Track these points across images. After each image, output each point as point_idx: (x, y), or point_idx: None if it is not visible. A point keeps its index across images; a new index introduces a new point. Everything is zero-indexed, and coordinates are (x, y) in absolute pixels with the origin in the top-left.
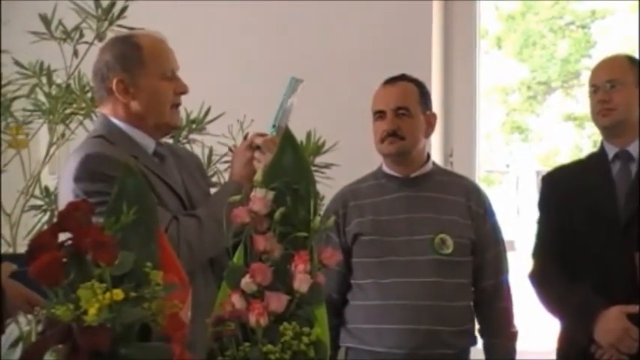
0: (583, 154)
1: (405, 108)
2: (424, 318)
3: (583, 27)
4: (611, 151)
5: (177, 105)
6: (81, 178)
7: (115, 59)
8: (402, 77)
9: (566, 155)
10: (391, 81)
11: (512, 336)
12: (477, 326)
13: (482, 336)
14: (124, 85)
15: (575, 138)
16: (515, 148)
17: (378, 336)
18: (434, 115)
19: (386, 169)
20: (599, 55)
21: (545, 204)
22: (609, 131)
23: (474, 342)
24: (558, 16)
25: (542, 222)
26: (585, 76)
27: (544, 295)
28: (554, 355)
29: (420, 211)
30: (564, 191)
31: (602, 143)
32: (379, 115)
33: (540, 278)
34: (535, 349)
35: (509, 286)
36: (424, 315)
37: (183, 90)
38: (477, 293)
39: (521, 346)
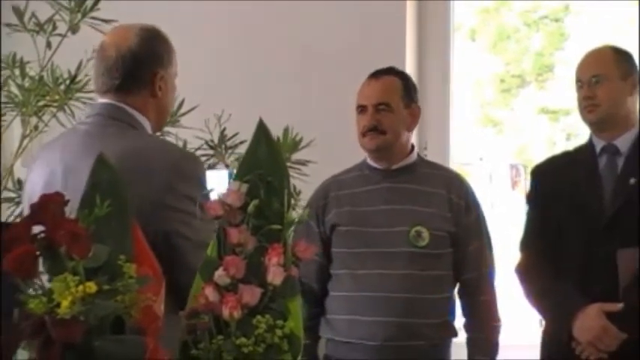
0: (557, 147)
1: (385, 103)
2: (397, 310)
3: (557, 20)
4: (599, 144)
5: None
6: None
7: (155, 51)
8: (388, 71)
9: (540, 149)
10: (376, 75)
11: (495, 330)
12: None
13: (465, 329)
14: (162, 82)
15: (549, 131)
16: (489, 141)
17: (351, 327)
18: (418, 108)
19: (369, 161)
20: (573, 48)
21: (532, 197)
22: (596, 126)
23: (454, 334)
24: (532, 9)
25: (529, 215)
26: (559, 70)
27: (527, 290)
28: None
29: (399, 202)
30: (551, 184)
31: (590, 136)
32: (361, 109)
33: (525, 272)
34: (519, 343)
35: (493, 279)
36: (397, 307)
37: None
38: (459, 286)
39: (504, 340)
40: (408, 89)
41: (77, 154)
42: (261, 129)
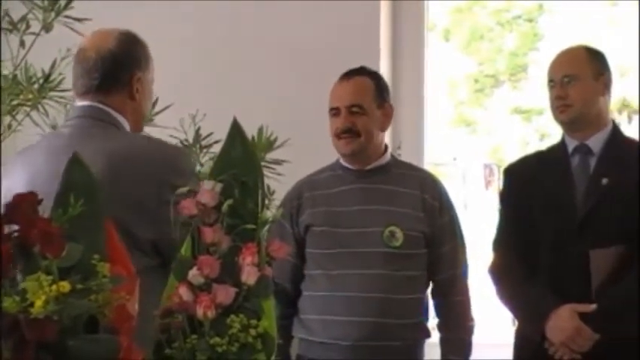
0: (530, 147)
1: (358, 105)
2: (370, 310)
3: (530, 20)
4: (571, 144)
5: None
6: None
7: (133, 54)
8: (359, 71)
9: (513, 148)
10: (347, 76)
11: (468, 330)
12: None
13: (438, 329)
14: (139, 84)
15: (522, 131)
16: (463, 141)
17: (325, 327)
18: (391, 107)
19: (342, 162)
20: (547, 48)
21: (505, 197)
22: (568, 127)
23: (427, 335)
24: (506, 9)
25: (502, 215)
26: (533, 70)
27: (500, 290)
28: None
29: (372, 203)
30: (524, 184)
31: (562, 136)
32: (334, 111)
33: (498, 272)
34: (492, 342)
35: (467, 279)
36: (371, 307)
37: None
38: (433, 286)
39: (477, 339)
40: (380, 89)
41: (63, 157)
42: (236, 128)
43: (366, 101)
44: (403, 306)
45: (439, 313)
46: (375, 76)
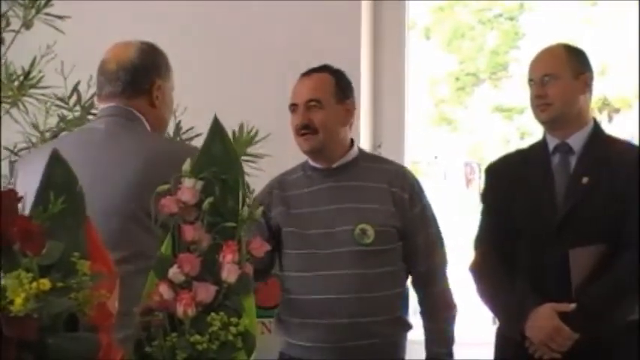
0: (511, 145)
1: (315, 100)
2: (348, 311)
3: (512, 19)
4: (552, 142)
5: None
6: None
7: (154, 62)
8: (320, 68)
9: (495, 147)
10: (307, 73)
11: (450, 319)
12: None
13: (421, 317)
14: (159, 90)
15: (503, 130)
16: (444, 140)
17: (303, 330)
18: (353, 104)
19: (310, 161)
20: (527, 46)
21: (487, 195)
22: (548, 126)
23: (408, 328)
24: (487, 7)
25: (483, 213)
26: (514, 68)
27: (481, 288)
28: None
29: (341, 201)
30: (505, 183)
31: (544, 134)
32: (293, 108)
33: (479, 271)
34: (473, 341)
35: (445, 269)
36: (347, 308)
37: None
38: (412, 278)
39: (459, 337)
40: (340, 85)
41: (101, 150)
42: (216, 126)
43: (324, 96)
44: (380, 303)
45: (420, 303)
46: (337, 73)
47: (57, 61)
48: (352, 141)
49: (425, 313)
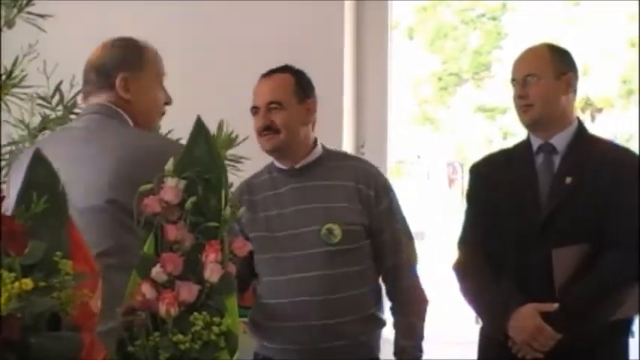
0: (493, 145)
1: (276, 102)
2: (318, 313)
3: (494, 19)
4: (536, 142)
5: (162, 113)
6: None
7: (120, 57)
8: (280, 69)
9: (477, 147)
10: (267, 75)
11: (419, 313)
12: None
13: (391, 312)
14: (126, 83)
15: (485, 129)
16: (427, 139)
17: (275, 333)
18: (314, 102)
19: (275, 162)
20: (510, 46)
21: (471, 195)
22: (531, 127)
23: (381, 325)
24: (470, 7)
25: (468, 213)
26: (496, 68)
27: (465, 287)
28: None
29: (307, 202)
30: (489, 182)
31: (528, 134)
32: (254, 110)
33: (462, 270)
34: (456, 340)
35: (414, 263)
36: (318, 310)
37: (169, 100)
38: (382, 273)
39: (440, 336)
40: (300, 85)
41: (83, 145)
42: (200, 127)
43: (285, 97)
44: (352, 303)
45: (390, 298)
46: (296, 73)
47: (39, 60)
48: (316, 140)
49: (394, 308)
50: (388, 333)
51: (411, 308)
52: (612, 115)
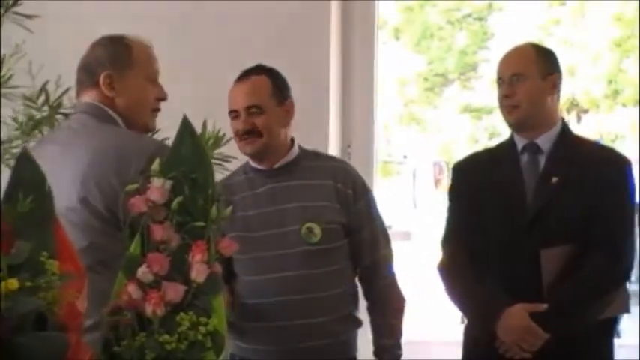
0: (480, 145)
1: (256, 106)
2: (297, 312)
3: (480, 19)
4: (520, 142)
5: (156, 110)
6: None
7: (105, 55)
8: (255, 70)
9: (463, 146)
10: (243, 77)
11: (397, 313)
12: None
13: (368, 312)
14: (111, 81)
15: (471, 129)
16: (413, 139)
17: (254, 333)
18: (291, 103)
19: (251, 163)
20: (496, 47)
21: (454, 194)
22: (516, 127)
23: (358, 325)
24: (456, 8)
25: (451, 212)
26: (482, 68)
27: (450, 288)
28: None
29: (286, 201)
30: (473, 182)
31: (512, 134)
32: (233, 114)
33: (447, 270)
34: (440, 340)
35: (390, 262)
36: (297, 309)
37: (163, 96)
38: (359, 272)
39: (425, 336)
40: (277, 86)
41: (62, 147)
42: (186, 126)
43: (264, 100)
44: (330, 302)
45: (367, 297)
46: (272, 74)
47: (25, 61)
48: (293, 140)
49: (372, 308)
50: (367, 332)
51: (390, 307)
52: (597, 116)
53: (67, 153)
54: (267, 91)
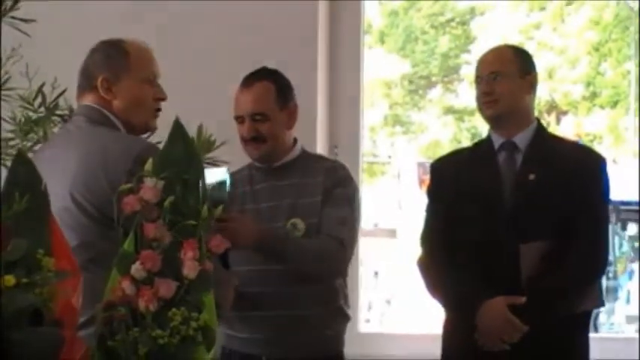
0: (462, 146)
1: (260, 114)
2: (284, 303)
3: (463, 23)
4: (497, 140)
5: (156, 110)
6: None
7: (102, 59)
8: (259, 75)
9: (447, 147)
10: (248, 82)
11: (315, 247)
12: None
13: None
14: (108, 84)
15: (454, 130)
16: (398, 141)
17: (242, 323)
18: (295, 105)
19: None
20: (478, 50)
21: (433, 191)
22: (494, 122)
23: (347, 319)
24: (439, 12)
25: (429, 210)
26: (465, 71)
27: (429, 282)
28: (439, 340)
29: (279, 199)
30: (451, 179)
31: (489, 132)
32: (239, 120)
33: (427, 265)
34: (420, 333)
35: (345, 244)
36: (284, 301)
37: (162, 96)
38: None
39: (406, 330)
40: (282, 91)
41: (57, 149)
42: (178, 127)
43: (268, 107)
44: (317, 296)
45: None
46: (276, 78)
47: (22, 64)
48: (295, 140)
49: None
50: (361, 327)
51: (317, 242)
52: (576, 118)
53: (61, 154)
54: (272, 98)
